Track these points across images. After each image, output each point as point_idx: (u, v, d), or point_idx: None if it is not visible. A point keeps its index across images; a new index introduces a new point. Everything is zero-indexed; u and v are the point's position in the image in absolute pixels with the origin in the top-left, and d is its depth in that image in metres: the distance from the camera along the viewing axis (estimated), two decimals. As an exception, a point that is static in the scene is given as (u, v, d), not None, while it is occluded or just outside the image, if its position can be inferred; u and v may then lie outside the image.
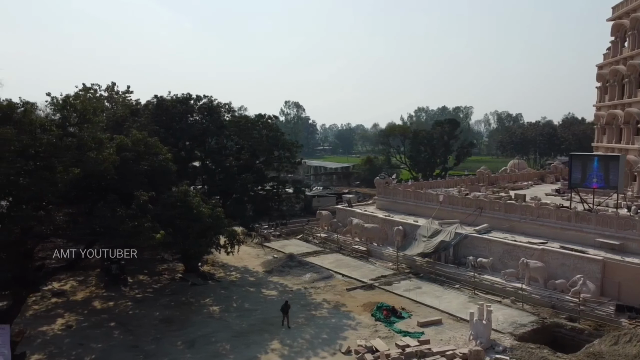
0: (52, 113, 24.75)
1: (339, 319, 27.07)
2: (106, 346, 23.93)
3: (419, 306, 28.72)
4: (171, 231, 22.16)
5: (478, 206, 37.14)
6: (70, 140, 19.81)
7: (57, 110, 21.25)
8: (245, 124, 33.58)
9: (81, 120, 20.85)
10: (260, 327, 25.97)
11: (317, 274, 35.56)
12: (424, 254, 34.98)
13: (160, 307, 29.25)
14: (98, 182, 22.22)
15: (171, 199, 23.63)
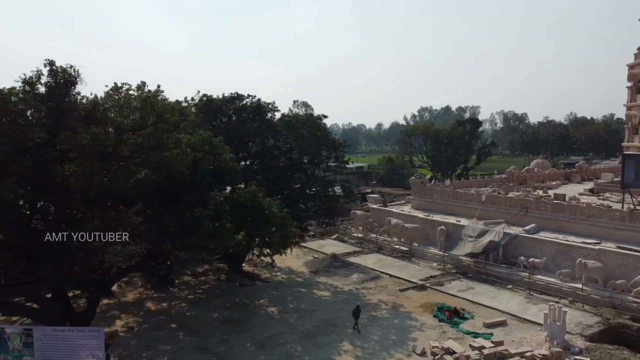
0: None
1: (401, 319, 26.88)
2: (175, 348, 23.68)
3: (478, 307, 28.55)
4: (244, 232, 21.93)
5: (523, 206, 37.00)
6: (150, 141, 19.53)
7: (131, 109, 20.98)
8: (296, 123, 33.37)
9: (159, 120, 20.56)
10: (325, 329, 25.75)
11: (363, 274, 35.36)
12: (473, 254, 34.82)
13: (217, 309, 29.00)
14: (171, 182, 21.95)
15: (241, 199, 23.38)
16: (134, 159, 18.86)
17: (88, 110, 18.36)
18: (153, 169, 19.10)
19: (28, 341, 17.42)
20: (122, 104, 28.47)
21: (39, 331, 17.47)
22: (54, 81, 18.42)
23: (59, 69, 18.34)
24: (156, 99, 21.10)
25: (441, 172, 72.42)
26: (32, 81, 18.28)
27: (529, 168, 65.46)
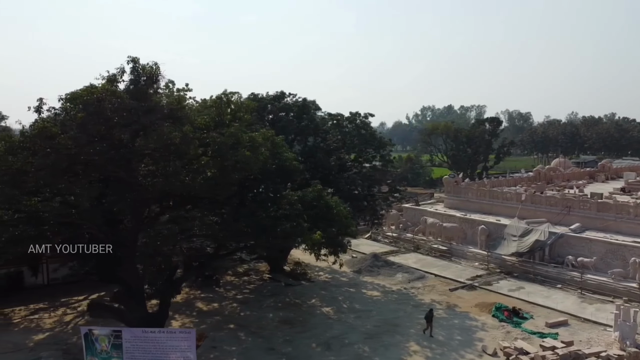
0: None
1: (460, 320, 26.69)
2: (241, 349, 23.41)
3: (534, 307, 28.38)
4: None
5: (565, 205, 36.88)
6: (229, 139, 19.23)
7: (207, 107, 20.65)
8: (343, 121, 33.12)
9: (233, 119, 20.28)
10: (387, 329, 25.53)
11: (407, 274, 35.15)
12: (518, 254, 34.66)
13: (270, 309, 28.73)
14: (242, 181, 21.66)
15: (308, 198, 23.10)
16: (215, 158, 18.52)
17: (171, 108, 18.00)
18: (232, 168, 18.80)
19: (117, 343, 17.14)
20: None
21: (128, 332, 17.18)
22: (136, 78, 18.09)
23: (141, 66, 18.01)
24: (231, 98, 20.76)
25: (461, 171, 72.23)
26: (115, 78, 17.95)
27: (551, 167, 65.32)
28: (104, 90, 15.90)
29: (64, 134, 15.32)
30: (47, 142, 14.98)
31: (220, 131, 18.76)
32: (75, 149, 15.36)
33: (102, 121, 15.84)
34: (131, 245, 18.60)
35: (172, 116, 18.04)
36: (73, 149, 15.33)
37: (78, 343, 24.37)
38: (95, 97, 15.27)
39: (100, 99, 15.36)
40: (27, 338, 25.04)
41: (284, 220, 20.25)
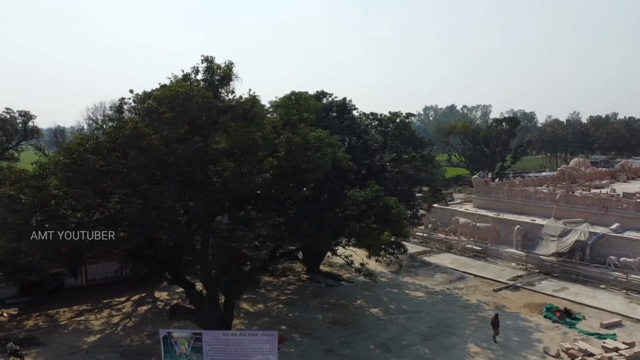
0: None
1: (513, 320, 26.53)
2: (299, 350, 23.20)
3: (582, 307, 28.22)
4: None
5: (603, 205, 36.78)
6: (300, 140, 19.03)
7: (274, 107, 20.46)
8: (386, 122, 32.94)
9: (300, 119, 20.09)
10: (441, 330, 25.37)
11: (446, 274, 35.02)
12: (559, 254, 34.55)
13: (317, 310, 28.53)
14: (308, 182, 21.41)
15: (367, 198, 22.89)
16: (287, 158, 18.32)
17: (244, 108, 17.79)
18: (305, 169, 18.61)
19: (196, 345, 16.92)
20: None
21: (209, 335, 16.96)
22: (210, 77, 17.88)
23: (216, 66, 17.79)
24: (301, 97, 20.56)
25: (477, 170, 72.23)
26: (190, 77, 17.72)
27: (571, 167, 65.17)
28: (191, 89, 15.65)
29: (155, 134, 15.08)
30: (139, 142, 14.74)
31: (292, 131, 18.54)
32: (165, 149, 15.13)
33: (187, 121, 15.61)
34: (203, 247, 18.37)
35: (246, 116, 17.80)
36: (163, 149, 15.10)
37: (133, 345, 24.29)
38: (183, 96, 15.03)
39: (189, 97, 15.13)
40: (79, 340, 24.80)
41: (351, 220, 20.06)
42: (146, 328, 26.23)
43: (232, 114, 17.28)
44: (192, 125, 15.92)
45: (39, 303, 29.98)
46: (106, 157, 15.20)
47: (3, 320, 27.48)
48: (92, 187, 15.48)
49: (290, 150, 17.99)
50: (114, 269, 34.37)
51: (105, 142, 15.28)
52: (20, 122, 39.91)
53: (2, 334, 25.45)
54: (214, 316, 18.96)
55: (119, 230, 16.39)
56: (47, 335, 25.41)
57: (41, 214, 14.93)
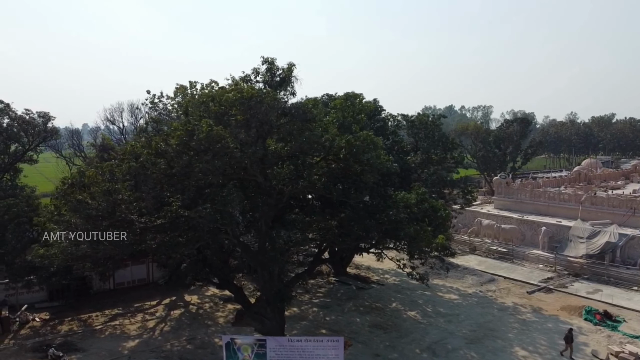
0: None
1: (554, 323, 26.38)
2: (347, 355, 22.71)
3: (620, 309, 28.10)
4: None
5: (630, 206, 36.75)
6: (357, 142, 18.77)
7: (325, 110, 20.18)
8: (419, 124, 32.72)
9: (354, 120, 19.83)
10: (484, 333, 25.17)
11: (476, 276, 34.89)
12: (588, 255, 34.47)
13: (354, 313, 28.29)
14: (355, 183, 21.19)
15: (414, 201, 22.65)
16: (347, 160, 18.07)
17: (304, 110, 17.49)
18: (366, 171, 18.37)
19: (260, 352, 16.61)
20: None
21: (274, 341, 16.65)
22: (270, 79, 17.58)
23: (277, 67, 17.50)
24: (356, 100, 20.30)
25: (489, 171, 72.08)
26: (250, 79, 17.42)
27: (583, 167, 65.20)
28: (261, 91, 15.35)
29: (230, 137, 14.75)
30: (214, 145, 14.40)
31: (353, 134, 18.30)
32: (239, 152, 14.81)
33: (259, 123, 15.30)
34: (261, 250, 18.07)
35: (308, 118, 17.51)
36: (238, 152, 14.78)
37: (175, 350, 23.94)
38: (256, 98, 14.72)
39: (261, 99, 14.82)
40: (118, 345, 24.43)
41: (405, 223, 19.83)
42: (184, 332, 25.89)
43: (293, 115, 16.98)
44: (261, 129, 15.62)
45: (69, 307, 29.58)
46: (176, 161, 14.86)
47: (37, 325, 27.05)
48: (159, 191, 15.15)
49: (351, 152, 17.72)
50: (141, 272, 34.13)
51: (175, 145, 14.94)
52: (40, 123, 39.30)
53: (39, 339, 25.06)
54: (275, 321, 18.66)
55: (182, 234, 16.05)
56: (85, 340, 25.02)
57: (110, 218, 14.58)
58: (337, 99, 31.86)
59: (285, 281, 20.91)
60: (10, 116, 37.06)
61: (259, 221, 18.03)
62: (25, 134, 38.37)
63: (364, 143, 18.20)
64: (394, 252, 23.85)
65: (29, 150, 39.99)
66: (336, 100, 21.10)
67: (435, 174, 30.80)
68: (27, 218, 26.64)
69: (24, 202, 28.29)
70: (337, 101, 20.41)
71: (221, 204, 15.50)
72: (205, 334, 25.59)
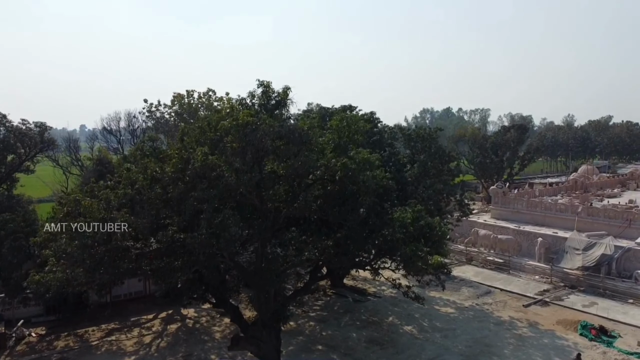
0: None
1: (550, 339, 26.44)
2: None
3: (616, 324, 28.15)
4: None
5: (626, 218, 36.87)
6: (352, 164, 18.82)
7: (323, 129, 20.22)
8: (416, 136, 32.78)
9: (350, 141, 19.88)
10: (480, 349, 25.24)
11: (472, 288, 34.96)
12: (584, 268, 34.56)
13: (351, 328, 28.33)
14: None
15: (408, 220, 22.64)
16: (343, 182, 18.11)
17: (300, 132, 17.53)
18: (359, 191, 18.42)
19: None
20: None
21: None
22: (266, 102, 17.62)
23: (272, 90, 17.55)
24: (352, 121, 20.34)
25: (486, 178, 72.23)
26: (245, 102, 17.46)
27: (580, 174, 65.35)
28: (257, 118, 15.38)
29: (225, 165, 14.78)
30: (209, 173, 14.44)
31: (348, 156, 18.34)
32: (234, 179, 14.84)
33: (254, 150, 15.33)
34: (257, 271, 18.09)
35: (303, 141, 17.54)
36: (233, 179, 14.81)
37: (172, 367, 23.95)
38: (252, 125, 14.76)
39: (256, 127, 14.86)
40: (115, 362, 24.45)
41: (401, 243, 19.86)
42: (180, 349, 25.90)
43: (289, 139, 17.02)
44: (256, 155, 15.65)
45: (65, 321, 29.56)
46: (171, 188, 14.88)
47: (33, 340, 27.02)
48: (155, 217, 15.18)
49: (346, 175, 17.76)
50: (138, 285, 34.06)
51: (170, 172, 14.97)
52: (37, 134, 39.26)
53: (35, 356, 25.04)
54: (271, 344, 18.67)
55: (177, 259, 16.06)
56: (81, 357, 25.03)
57: (106, 245, 14.59)
58: (333, 114, 32.06)
59: (281, 301, 20.90)
60: (7, 127, 37.04)
61: (255, 242, 18.06)
62: (22, 144, 38.36)
63: (360, 165, 18.23)
64: (389, 271, 23.82)
65: (25, 161, 39.98)
66: (332, 119, 21.09)
67: (432, 187, 30.80)
68: (24, 234, 26.69)
69: (21, 217, 28.30)
70: (333, 121, 20.41)
71: (218, 229, 15.52)
72: (202, 350, 25.61)
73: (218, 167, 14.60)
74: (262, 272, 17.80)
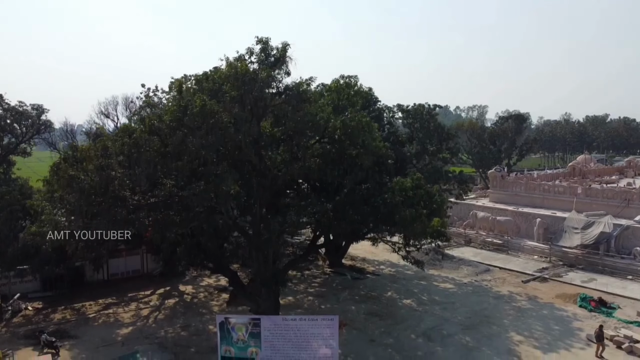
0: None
1: (549, 310, 26.39)
2: (342, 340, 22.14)
3: (615, 297, 28.14)
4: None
5: (624, 198, 36.88)
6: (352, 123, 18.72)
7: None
8: (413, 113, 32.70)
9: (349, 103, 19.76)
10: (479, 320, 25.15)
11: (471, 266, 34.90)
12: (583, 246, 34.55)
13: (349, 302, 28.21)
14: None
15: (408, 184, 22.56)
16: (342, 142, 18.01)
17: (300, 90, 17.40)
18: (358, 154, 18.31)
19: (254, 331, 16.49)
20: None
21: (268, 321, 16.54)
22: (265, 59, 17.48)
23: (271, 47, 17.41)
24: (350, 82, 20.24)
25: (484, 168, 72.24)
26: (244, 59, 17.33)
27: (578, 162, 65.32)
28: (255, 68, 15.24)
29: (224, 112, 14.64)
30: (207, 120, 14.28)
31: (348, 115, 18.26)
32: (233, 128, 14.71)
33: (253, 101, 15.20)
34: (256, 233, 17.96)
35: (303, 99, 17.42)
36: (232, 127, 14.69)
37: (169, 337, 23.78)
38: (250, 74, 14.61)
39: (255, 76, 14.72)
40: (112, 332, 24.24)
41: (401, 207, 19.77)
42: (178, 320, 25.73)
43: (288, 95, 16.90)
44: (255, 107, 15.52)
45: (62, 297, 29.36)
46: (169, 138, 14.74)
47: (29, 313, 26.83)
48: (152, 169, 15.03)
49: (347, 133, 17.65)
50: (135, 263, 33.90)
51: (168, 121, 14.83)
52: (34, 115, 39.11)
53: (32, 326, 24.82)
54: (270, 303, 18.54)
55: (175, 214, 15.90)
56: (78, 328, 24.83)
57: (103, 195, 14.44)
58: (332, 83, 31.99)
59: (281, 266, 20.79)
60: (3, 107, 36.89)
61: (254, 204, 17.92)
62: (18, 125, 38.22)
63: (359, 125, 18.13)
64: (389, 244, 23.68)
65: (22, 142, 39.83)
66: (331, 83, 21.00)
67: (431, 164, 30.77)
68: (20, 206, 26.51)
69: (17, 190, 28.12)
70: (333, 84, 20.32)
71: (215, 182, 15.39)
72: (199, 321, 25.44)
73: (217, 113, 14.44)
74: (261, 233, 17.66)
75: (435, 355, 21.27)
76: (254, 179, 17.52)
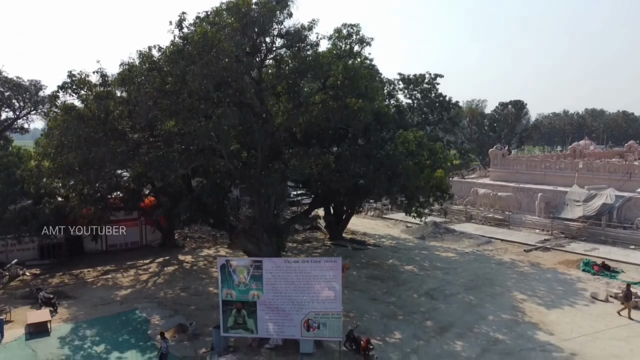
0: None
1: (552, 274, 26.17)
2: (345, 299, 21.93)
3: (618, 264, 27.91)
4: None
5: (627, 171, 36.69)
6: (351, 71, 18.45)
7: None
8: (416, 82, 32.47)
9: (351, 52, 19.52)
10: (482, 282, 24.93)
11: (473, 239, 34.67)
12: (585, 217, 34.35)
13: (351, 269, 27.91)
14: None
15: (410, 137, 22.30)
16: (346, 88, 17.74)
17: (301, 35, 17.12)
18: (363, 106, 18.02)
19: (256, 274, 16.21)
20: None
21: (270, 263, 16.25)
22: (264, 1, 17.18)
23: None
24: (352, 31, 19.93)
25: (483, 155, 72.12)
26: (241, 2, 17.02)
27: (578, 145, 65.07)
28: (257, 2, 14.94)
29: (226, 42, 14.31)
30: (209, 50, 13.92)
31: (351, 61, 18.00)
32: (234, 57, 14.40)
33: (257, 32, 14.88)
34: (258, 178, 17.68)
35: (302, 41, 17.15)
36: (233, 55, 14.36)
37: (168, 297, 23.52)
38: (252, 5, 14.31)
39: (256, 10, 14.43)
40: (111, 294, 23.99)
41: (403, 158, 19.51)
42: (178, 284, 25.48)
43: (290, 37, 16.62)
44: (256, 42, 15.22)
45: (61, 265, 29.08)
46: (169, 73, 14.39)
47: (27, 278, 26.53)
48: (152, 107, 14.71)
49: (349, 77, 17.39)
50: (134, 235, 33.60)
51: (169, 52, 14.52)
52: (32, 90, 38.77)
53: (29, 289, 24.51)
54: (272, 248, 18.28)
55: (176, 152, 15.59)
56: (76, 290, 24.58)
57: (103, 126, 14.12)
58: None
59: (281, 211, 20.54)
60: (1, 79, 36.52)
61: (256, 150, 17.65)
62: (16, 99, 37.84)
63: (361, 70, 17.86)
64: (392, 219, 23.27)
65: (19, 118, 39.47)
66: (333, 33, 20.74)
67: (433, 132, 30.56)
68: (18, 169, 26.21)
69: (15, 154, 27.83)
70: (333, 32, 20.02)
71: (216, 121, 15.10)
72: (199, 284, 25.19)
73: (218, 41, 14.13)
74: (262, 178, 17.38)
75: (438, 311, 21.04)
76: (256, 124, 17.23)
